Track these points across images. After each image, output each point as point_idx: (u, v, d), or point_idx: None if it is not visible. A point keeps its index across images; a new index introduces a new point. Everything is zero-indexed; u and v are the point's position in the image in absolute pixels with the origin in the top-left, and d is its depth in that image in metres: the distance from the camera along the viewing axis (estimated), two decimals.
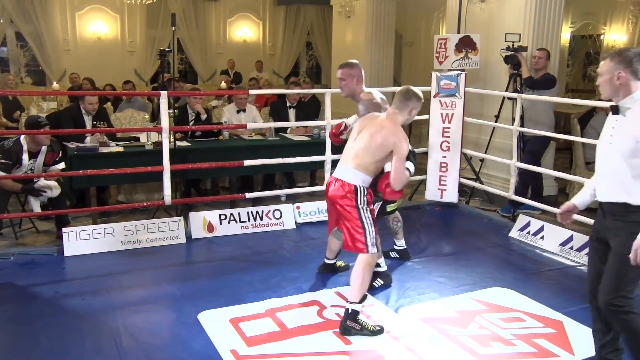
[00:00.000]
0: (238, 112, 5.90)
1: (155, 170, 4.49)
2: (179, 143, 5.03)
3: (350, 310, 3.01)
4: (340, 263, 3.89)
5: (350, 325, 2.99)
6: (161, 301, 3.48)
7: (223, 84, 9.06)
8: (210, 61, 12.37)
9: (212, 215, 4.69)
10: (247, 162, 4.82)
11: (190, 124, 5.58)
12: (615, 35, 11.12)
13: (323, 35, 13.13)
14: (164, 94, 4.47)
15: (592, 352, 2.86)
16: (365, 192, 3.05)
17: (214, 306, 3.32)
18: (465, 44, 5.54)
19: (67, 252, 4.14)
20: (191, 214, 4.67)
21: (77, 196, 5.04)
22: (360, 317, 3.05)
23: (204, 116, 5.68)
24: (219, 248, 4.44)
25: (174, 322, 3.21)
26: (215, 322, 3.14)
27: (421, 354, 2.84)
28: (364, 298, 3.09)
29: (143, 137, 5.24)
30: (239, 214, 4.77)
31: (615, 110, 2.42)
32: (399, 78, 11.41)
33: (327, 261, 3.86)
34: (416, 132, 8.90)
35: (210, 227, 4.64)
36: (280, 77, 12.96)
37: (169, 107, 4.76)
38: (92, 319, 3.19)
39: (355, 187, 3.02)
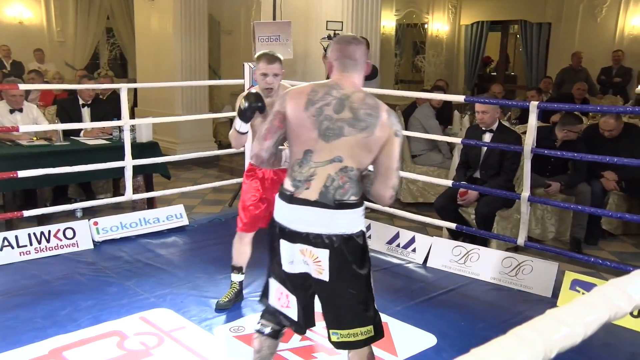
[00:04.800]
0: (12, 111, 5.44)
1: None
2: None
3: None
4: None
5: None
6: None
7: None
8: None
9: None
10: (22, 173, 4.39)
11: None
12: (437, 24, 12.34)
13: (127, 20, 12.62)
14: None
15: (414, 351, 3.16)
16: None
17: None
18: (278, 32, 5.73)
19: None
20: None
21: None
22: None
23: None
24: None
25: None
26: None
27: None
28: None
29: None
30: (15, 237, 4.38)
31: None
32: (218, 70, 11.44)
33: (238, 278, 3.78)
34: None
35: None
36: (75, 69, 12.18)
37: None
38: None
39: None
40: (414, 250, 4.61)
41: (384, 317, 3.53)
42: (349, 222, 2.18)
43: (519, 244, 4.18)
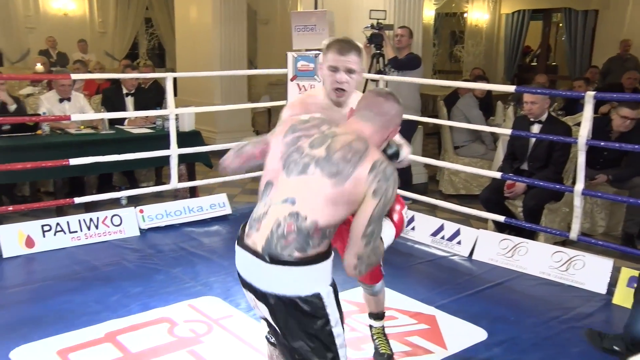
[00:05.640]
0: (61, 101, 5.54)
1: None
2: None
3: None
4: None
5: None
6: None
7: (39, 67, 8.45)
8: (17, 38, 11.33)
9: (31, 227, 4.36)
10: (73, 161, 4.51)
11: None
12: (477, 13, 12.14)
13: (164, 10, 12.75)
14: None
15: (464, 345, 3.13)
16: None
17: (33, 339, 3.07)
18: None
19: None
20: (1, 228, 4.30)
21: None
22: None
23: (12, 107, 5.25)
24: (42, 266, 4.13)
25: None
26: (35, 358, 2.92)
27: None
28: None
29: None
30: (67, 223, 4.49)
31: None
32: (255, 60, 11.46)
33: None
34: (276, 120, 9.01)
35: (29, 242, 4.31)
36: (115, 59, 12.37)
37: None
38: None
39: None
40: (459, 242, 4.55)
41: (431, 310, 3.54)
42: (288, 282, 1.80)
43: (572, 238, 4.07)
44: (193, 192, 5.70)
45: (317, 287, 1.82)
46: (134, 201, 5.40)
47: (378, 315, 2.96)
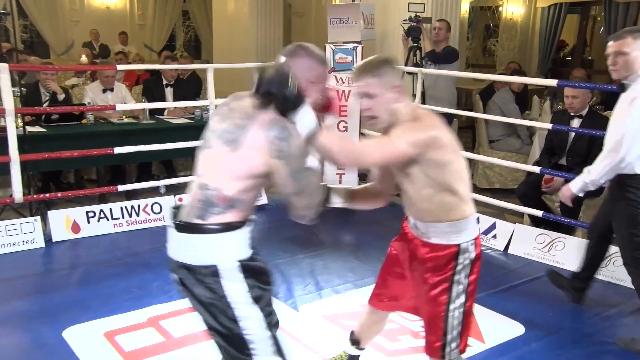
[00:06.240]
0: (104, 91, 5.61)
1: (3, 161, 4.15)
2: (29, 128, 4.68)
3: None
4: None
5: None
6: (12, 321, 3.19)
7: (84, 58, 8.59)
8: (64, 30, 11.57)
9: (76, 213, 4.44)
10: (117, 150, 4.58)
11: (44, 105, 5.21)
12: (512, 7, 11.92)
13: (201, 4, 12.84)
14: (3, 67, 4.07)
15: (501, 339, 3.09)
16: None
17: (82, 320, 3.14)
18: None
19: None
20: (50, 213, 4.38)
21: None
22: None
23: (61, 96, 5.34)
24: (87, 251, 4.21)
25: (31, 345, 2.95)
26: (85, 338, 2.97)
27: (325, 354, 2.88)
28: None
29: None
30: (110, 210, 4.56)
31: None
32: None
33: (352, 351, 2.66)
34: None
35: (75, 227, 4.39)
36: (153, 51, 12.50)
37: (14, 85, 4.40)
38: None
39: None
40: (494, 236, 4.49)
41: None
42: (187, 249, 1.79)
43: None
44: None
45: (216, 259, 1.77)
46: (171, 190, 5.44)
47: None
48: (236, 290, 1.77)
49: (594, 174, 3.09)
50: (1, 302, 3.40)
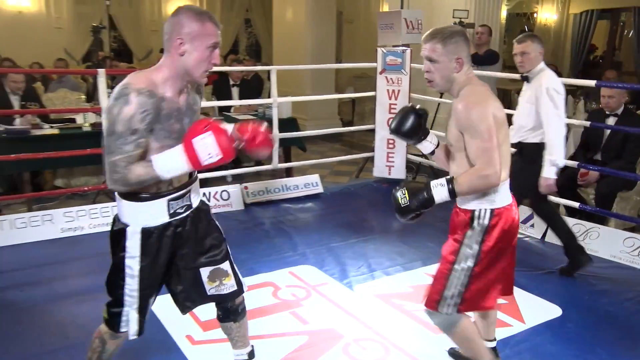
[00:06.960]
0: None
1: (96, 153, 4.27)
2: None
3: None
4: None
5: None
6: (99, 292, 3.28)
7: None
8: (144, 39, 11.86)
9: None
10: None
11: None
12: (546, 13, 11.53)
13: (261, 12, 12.89)
14: (101, 72, 4.23)
15: (540, 320, 3.00)
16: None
17: (164, 292, 3.20)
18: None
19: (2, 242, 3.89)
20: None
21: (8, 182, 4.74)
22: None
23: None
24: None
25: None
26: (167, 307, 3.02)
27: (378, 330, 2.87)
28: None
29: (79, 119, 4.97)
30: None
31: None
32: (340, 55, 11.39)
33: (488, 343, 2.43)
34: (360, 109, 8.94)
35: None
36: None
37: (107, 87, 4.52)
38: (34, 311, 3.01)
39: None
40: (532, 225, 4.36)
41: None
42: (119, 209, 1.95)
43: None
44: (288, 173, 5.75)
45: (126, 220, 1.91)
46: (236, 179, 5.49)
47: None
48: (132, 248, 1.98)
49: None
50: (100, 272, 3.42)
